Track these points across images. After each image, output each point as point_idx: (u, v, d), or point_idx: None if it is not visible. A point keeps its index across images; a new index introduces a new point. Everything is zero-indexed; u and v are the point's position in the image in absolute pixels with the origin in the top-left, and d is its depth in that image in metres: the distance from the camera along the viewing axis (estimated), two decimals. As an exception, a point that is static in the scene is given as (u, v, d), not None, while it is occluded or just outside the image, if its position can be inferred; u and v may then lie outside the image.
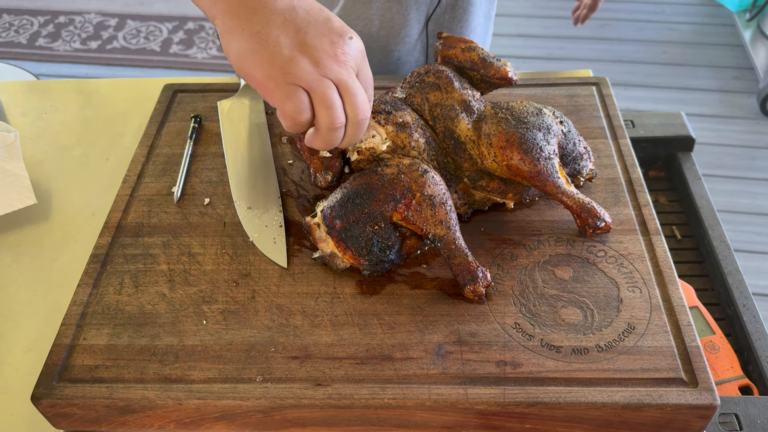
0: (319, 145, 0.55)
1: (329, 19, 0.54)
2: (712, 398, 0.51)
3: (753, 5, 2.49)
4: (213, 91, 0.84)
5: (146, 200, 0.69)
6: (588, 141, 0.73)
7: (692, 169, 0.86)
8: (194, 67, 2.64)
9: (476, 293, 0.58)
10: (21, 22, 2.91)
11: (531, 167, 0.61)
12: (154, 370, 0.55)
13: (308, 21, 0.53)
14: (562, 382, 0.53)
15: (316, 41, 0.53)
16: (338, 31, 0.54)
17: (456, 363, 0.54)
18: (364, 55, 0.56)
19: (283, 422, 0.55)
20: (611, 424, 0.53)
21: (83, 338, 0.57)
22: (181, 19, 2.89)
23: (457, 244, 0.58)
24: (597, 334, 0.56)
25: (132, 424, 0.56)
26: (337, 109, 0.53)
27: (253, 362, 0.55)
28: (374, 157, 0.63)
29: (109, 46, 2.75)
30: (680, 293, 0.58)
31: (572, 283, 0.60)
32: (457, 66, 0.69)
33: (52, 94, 0.96)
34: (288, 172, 0.72)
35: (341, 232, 0.59)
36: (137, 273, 0.62)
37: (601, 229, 0.63)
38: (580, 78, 0.83)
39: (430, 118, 0.66)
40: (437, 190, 0.59)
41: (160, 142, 0.76)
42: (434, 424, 0.54)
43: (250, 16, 0.53)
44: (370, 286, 0.60)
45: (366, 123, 0.56)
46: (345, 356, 0.55)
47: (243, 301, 0.59)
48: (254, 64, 0.53)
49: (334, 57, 0.53)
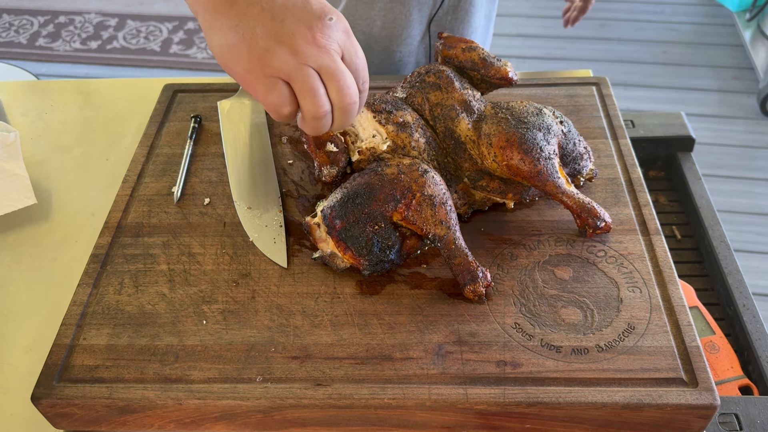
0: (309, 131, 0.54)
1: (307, 2, 0.52)
2: (712, 398, 0.51)
3: (753, 5, 2.49)
4: (213, 91, 0.84)
5: (146, 200, 0.69)
6: (588, 141, 0.73)
7: (692, 169, 0.86)
8: (194, 67, 2.64)
9: (476, 293, 0.58)
10: (21, 22, 2.91)
11: (531, 167, 0.61)
12: (154, 370, 0.55)
13: (285, 7, 0.51)
14: (562, 382, 0.53)
15: (293, 27, 0.50)
16: (317, 14, 0.51)
17: (456, 363, 0.54)
18: (349, 34, 0.53)
19: (283, 422, 0.55)
20: (611, 424, 0.53)
21: (83, 338, 0.57)
22: (181, 19, 2.89)
23: (457, 244, 0.58)
24: (597, 334, 0.56)
25: (132, 424, 0.56)
26: (320, 96, 0.51)
27: (253, 362, 0.55)
28: (375, 157, 0.63)
29: (109, 46, 2.75)
30: (680, 293, 0.58)
31: (572, 283, 0.60)
32: (457, 66, 0.69)
33: (52, 94, 0.96)
34: (288, 172, 0.72)
35: (341, 232, 0.59)
36: (137, 273, 0.62)
37: (601, 229, 0.63)
38: (580, 78, 0.83)
39: (431, 118, 0.66)
40: (437, 190, 0.59)
41: (160, 142, 0.76)
42: (434, 424, 0.54)
43: (228, 9, 0.51)
44: (370, 286, 0.60)
45: (355, 107, 0.53)
46: (345, 356, 0.55)
47: (243, 301, 0.59)
48: (233, 58, 0.51)
49: (314, 42, 0.50)
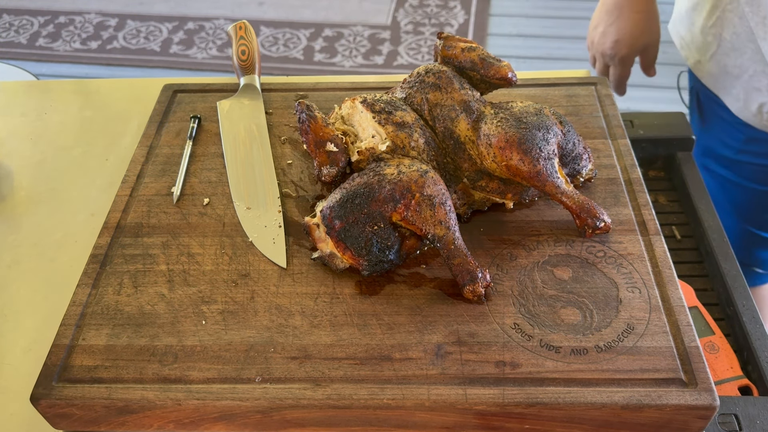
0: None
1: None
2: (712, 399, 0.51)
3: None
4: (213, 91, 0.84)
5: (145, 200, 0.69)
6: (587, 141, 0.73)
7: (692, 169, 0.86)
8: (194, 67, 2.64)
9: (475, 293, 0.58)
10: (21, 22, 2.91)
11: (530, 167, 0.61)
12: (153, 371, 0.55)
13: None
14: (562, 382, 0.53)
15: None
16: None
17: (455, 363, 0.54)
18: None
19: (282, 423, 0.55)
20: (610, 424, 0.53)
21: (82, 338, 0.57)
22: (181, 19, 2.89)
23: (456, 244, 0.58)
24: (596, 335, 0.56)
25: (131, 424, 0.56)
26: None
27: (252, 363, 0.55)
28: (374, 157, 0.63)
29: (109, 46, 2.75)
30: (679, 293, 0.58)
31: (571, 283, 0.60)
32: (457, 66, 0.69)
33: (52, 95, 0.96)
34: (287, 172, 0.72)
35: (341, 232, 0.59)
36: (136, 273, 0.62)
37: (601, 230, 0.63)
38: (579, 78, 0.83)
39: (430, 118, 0.66)
40: (436, 190, 0.59)
41: (160, 142, 0.76)
42: (433, 425, 0.54)
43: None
44: (370, 286, 0.60)
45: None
46: (344, 356, 0.55)
47: (242, 302, 0.59)
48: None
49: None
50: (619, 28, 0.97)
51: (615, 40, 0.97)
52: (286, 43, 2.75)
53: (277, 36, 2.78)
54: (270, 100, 0.82)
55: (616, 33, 0.97)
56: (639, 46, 0.98)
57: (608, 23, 0.98)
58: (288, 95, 0.82)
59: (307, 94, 0.82)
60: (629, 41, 0.97)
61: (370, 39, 2.75)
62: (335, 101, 0.80)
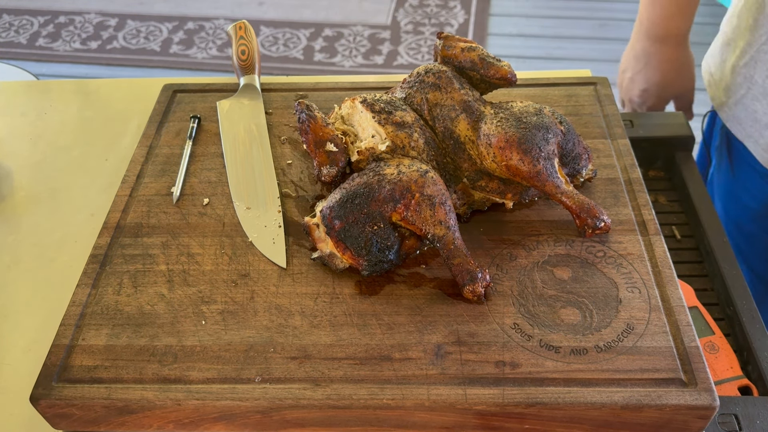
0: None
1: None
2: (711, 399, 0.51)
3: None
4: (212, 91, 0.84)
5: (145, 200, 0.69)
6: (587, 141, 0.73)
7: (692, 169, 0.86)
8: (194, 67, 2.64)
9: (475, 293, 0.58)
10: (21, 22, 2.91)
11: (530, 167, 0.61)
12: (152, 371, 0.55)
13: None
14: (561, 382, 0.53)
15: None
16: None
17: (455, 363, 0.54)
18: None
19: (282, 423, 0.55)
20: (610, 424, 0.53)
21: (82, 338, 0.57)
22: (181, 19, 2.89)
23: (456, 244, 0.58)
24: (596, 335, 0.55)
25: (131, 424, 0.56)
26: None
27: (252, 363, 0.55)
28: (374, 157, 0.63)
29: (109, 46, 2.75)
30: (679, 293, 0.58)
31: (571, 283, 0.60)
32: (456, 66, 0.69)
33: (52, 95, 0.96)
34: (287, 172, 0.72)
35: (340, 232, 0.59)
36: (136, 273, 0.62)
37: (601, 229, 0.63)
38: (579, 78, 0.83)
39: (430, 118, 0.66)
40: (436, 190, 0.59)
41: (160, 142, 0.76)
42: (433, 425, 0.54)
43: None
44: (369, 286, 0.60)
45: None
46: (344, 357, 0.55)
47: (242, 302, 0.59)
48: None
49: None
50: (647, 78, 0.89)
51: (643, 89, 0.90)
52: (286, 43, 2.75)
53: (277, 36, 2.78)
54: (270, 100, 0.82)
55: (645, 82, 0.89)
56: (668, 96, 0.90)
57: (636, 70, 0.90)
58: (288, 95, 0.82)
59: (307, 94, 0.82)
60: (657, 92, 0.89)
61: (370, 39, 2.76)
62: (335, 101, 0.80)
